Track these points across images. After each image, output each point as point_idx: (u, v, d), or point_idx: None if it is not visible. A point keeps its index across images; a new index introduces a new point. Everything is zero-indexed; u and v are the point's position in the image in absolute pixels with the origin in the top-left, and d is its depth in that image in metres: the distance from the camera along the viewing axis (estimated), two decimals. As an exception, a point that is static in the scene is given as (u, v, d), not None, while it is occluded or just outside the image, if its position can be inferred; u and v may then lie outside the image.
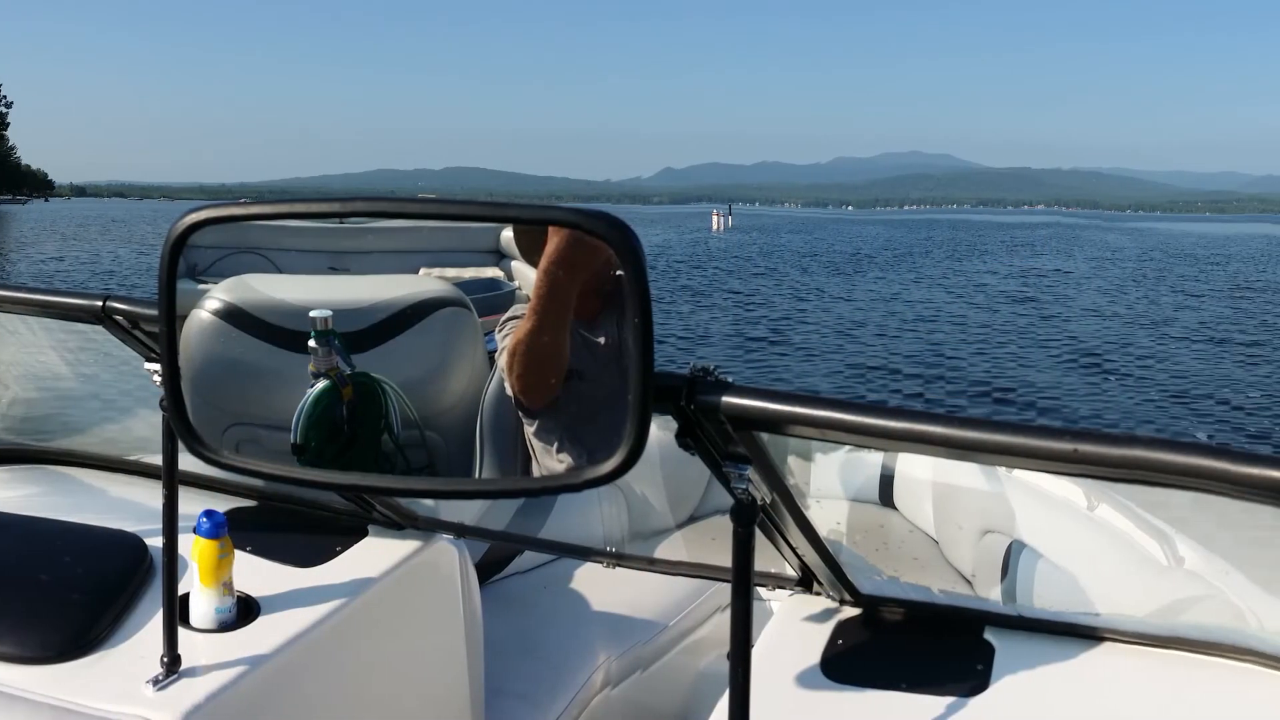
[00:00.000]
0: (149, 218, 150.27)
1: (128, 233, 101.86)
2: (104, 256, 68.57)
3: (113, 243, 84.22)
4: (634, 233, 1.81)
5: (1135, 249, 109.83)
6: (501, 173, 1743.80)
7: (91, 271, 56.30)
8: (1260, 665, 2.74)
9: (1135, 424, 22.57)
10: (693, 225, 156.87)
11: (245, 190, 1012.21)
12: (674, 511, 4.88)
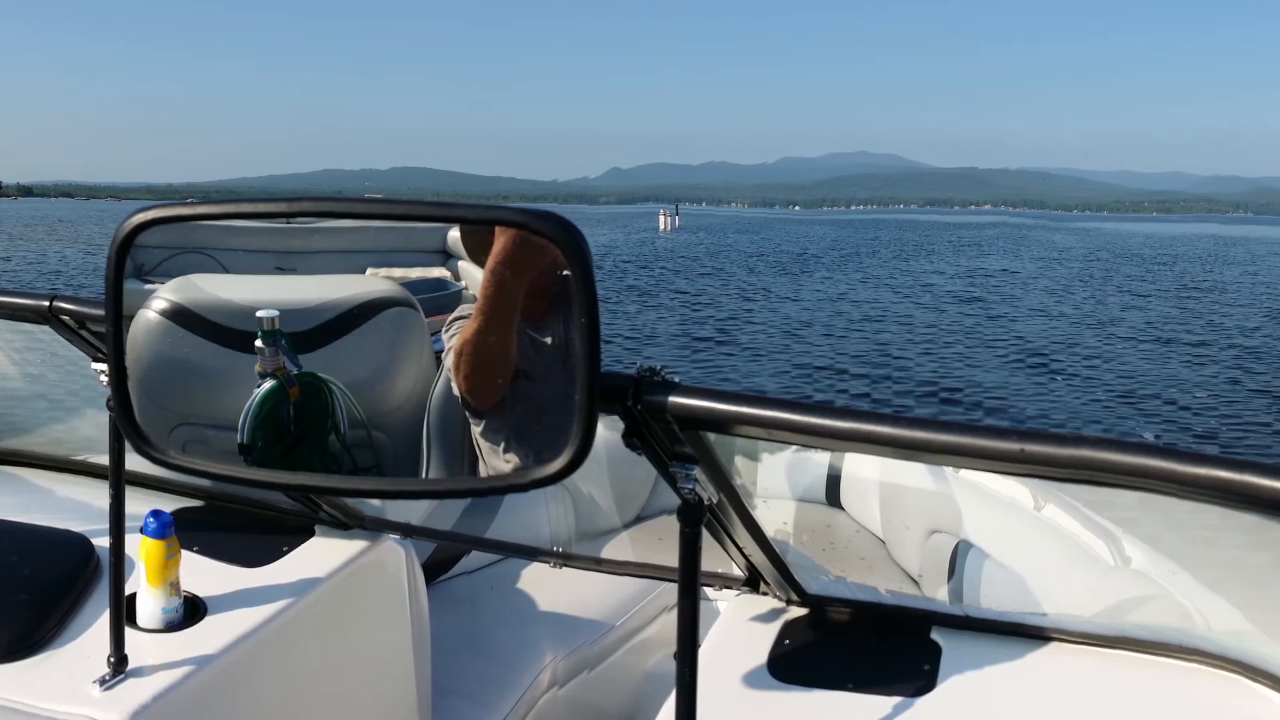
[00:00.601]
0: (96, 218, 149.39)
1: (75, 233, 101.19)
2: (51, 256, 68.07)
3: (60, 243, 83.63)
4: (581, 233, 1.81)
5: (1082, 249, 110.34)
6: (448, 173, 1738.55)
7: (38, 271, 55.91)
8: (1207, 665, 2.76)
9: (1082, 424, 22.69)
10: (640, 225, 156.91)
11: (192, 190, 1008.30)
12: (621, 511, 4.88)
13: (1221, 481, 1.67)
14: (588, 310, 1.82)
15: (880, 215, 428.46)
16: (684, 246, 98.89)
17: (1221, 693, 2.70)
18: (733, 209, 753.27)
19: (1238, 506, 1.72)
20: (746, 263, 76.80)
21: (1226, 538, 2.58)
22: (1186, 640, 2.83)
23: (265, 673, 2.96)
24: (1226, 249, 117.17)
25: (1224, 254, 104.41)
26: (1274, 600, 2.82)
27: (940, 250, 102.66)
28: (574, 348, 1.87)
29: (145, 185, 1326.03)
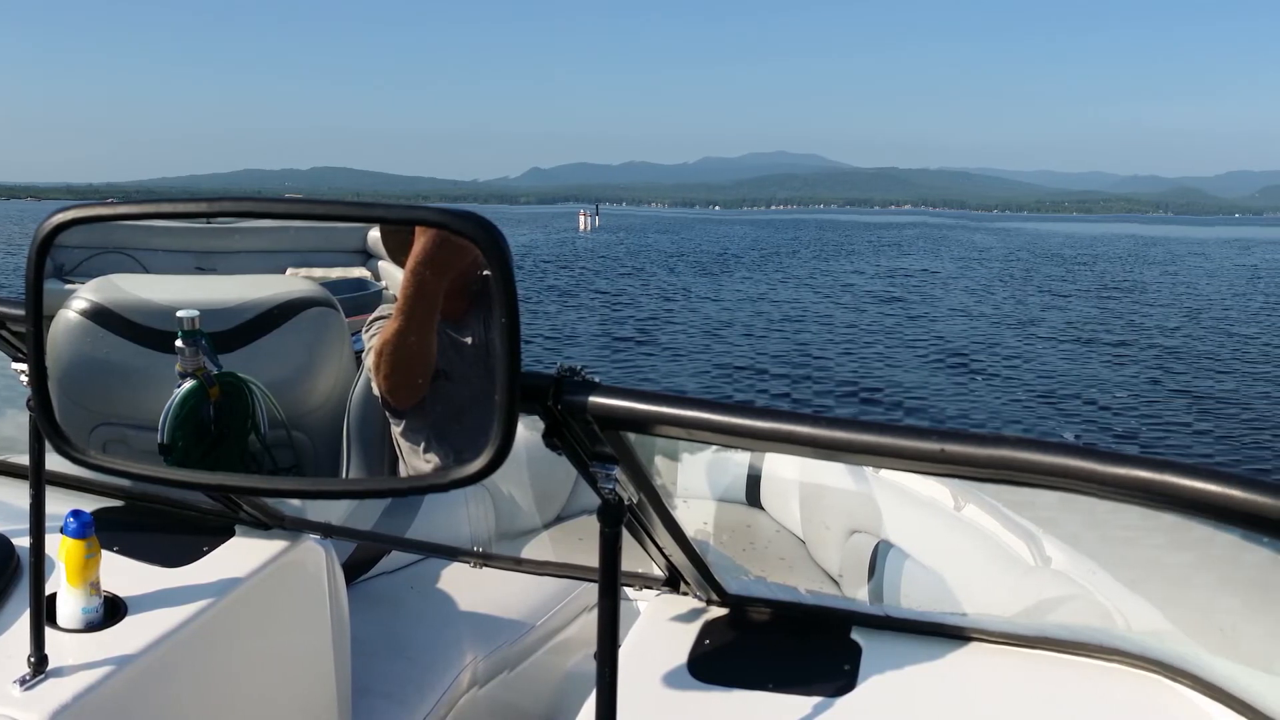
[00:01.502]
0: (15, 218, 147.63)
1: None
2: (-32, 257, 67.34)
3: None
4: (501, 233, 1.81)
5: (1002, 249, 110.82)
6: (369, 173, 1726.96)
7: (-44, 271, 55.30)
8: (1127, 665, 2.78)
9: (1002, 424, 22.76)
10: (560, 225, 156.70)
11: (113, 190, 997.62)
12: (541, 511, 4.88)
13: (1141, 481, 1.68)
14: (508, 310, 1.82)
15: (800, 215, 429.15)
16: (604, 246, 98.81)
17: (1141, 693, 2.71)
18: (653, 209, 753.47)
19: (1158, 506, 1.73)
20: (667, 263, 76.81)
21: (1146, 538, 2.60)
22: (1107, 640, 2.84)
23: (185, 672, 2.95)
24: (1146, 249, 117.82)
25: (1144, 254, 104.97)
26: (1194, 600, 2.86)
27: (860, 250, 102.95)
28: (494, 348, 1.87)
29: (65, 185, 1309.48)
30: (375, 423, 3.72)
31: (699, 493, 4.43)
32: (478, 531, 4.60)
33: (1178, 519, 1.77)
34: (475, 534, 4.60)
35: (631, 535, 2.75)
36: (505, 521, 4.70)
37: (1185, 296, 55.07)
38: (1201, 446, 20.73)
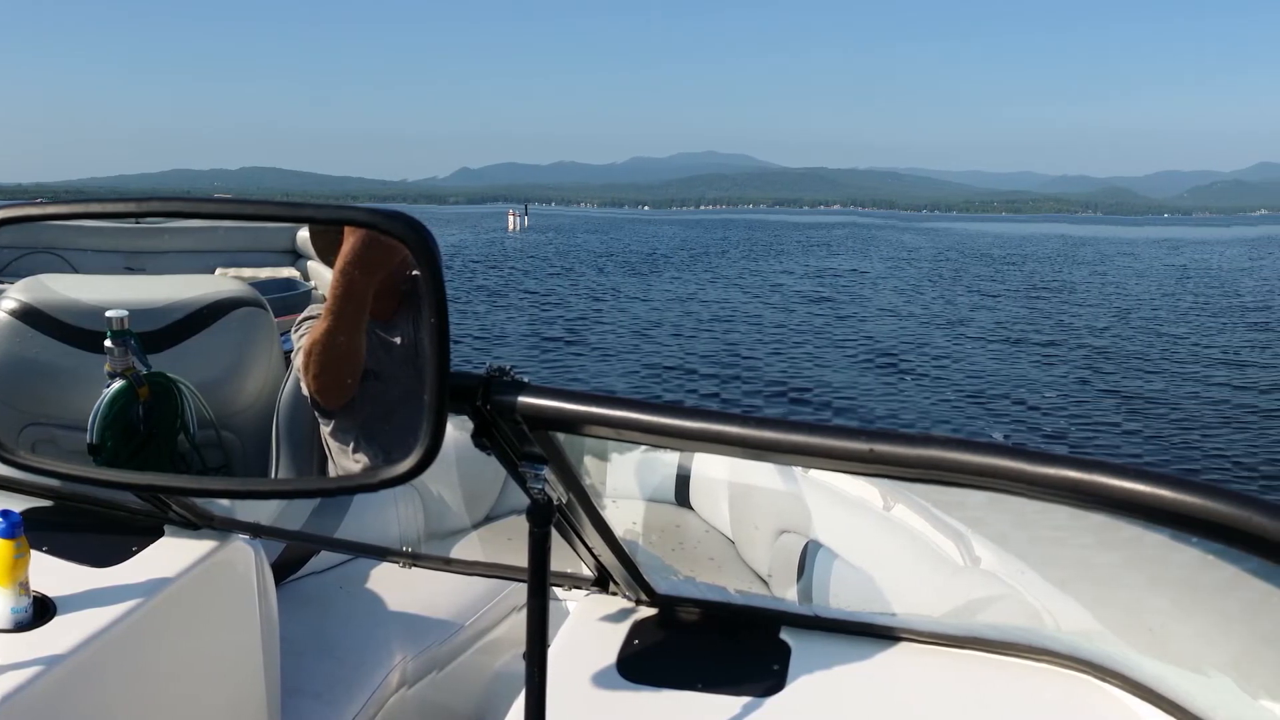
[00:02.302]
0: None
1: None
2: (-106, 257, 66.59)
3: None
4: (430, 233, 1.82)
5: (931, 249, 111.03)
6: (298, 173, 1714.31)
7: (-121, 273, 54.65)
8: (1056, 665, 2.80)
9: (931, 424, 22.92)
10: (489, 225, 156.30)
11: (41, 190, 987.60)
12: (470, 511, 4.88)
13: (1070, 481, 1.67)
14: (437, 310, 1.82)
15: (729, 215, 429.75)
16: (533, 246, 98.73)
17: (1071, 693, 2.73)
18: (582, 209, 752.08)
19: (1087, 506, 1.71)
20: (596, 263, 76.82)
21: (1075, 538, 2.63)
22: (1035, 640, 2.86)
23: (115, 673, 2.94)
24: (1076, 249, 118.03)
25: (1073, 254, 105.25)
26: (1123, 600, 2.91)
27: (789, 250, 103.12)
28: (423, 348, 1.87)
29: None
30: (304, 423, 3.72)
31: (628, 493, 4.44)
32: (407, 531, 4.60)
33: (1107, 519, 1.76)
34: (404, 534, 4.60)
35: (560, 535, 2.74)
36: (434, 521, 4.71)
37: (1114, 296, 55.27)
38: (1130, 446, 20.91)
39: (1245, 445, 20.78)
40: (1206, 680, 2.66)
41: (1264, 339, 36.71)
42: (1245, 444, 20.88)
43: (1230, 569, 1.86)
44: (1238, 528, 1.46)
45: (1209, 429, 22.43)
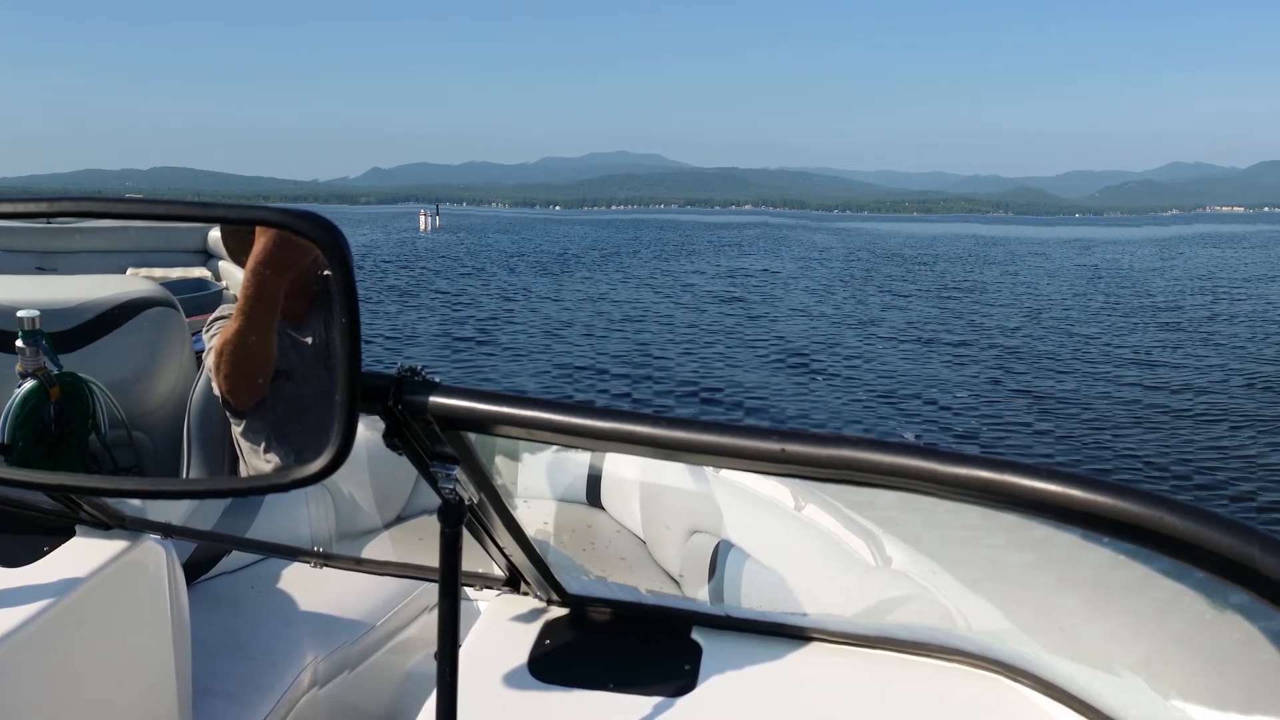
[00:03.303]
0: None
1: None
2: None
3: None
4: (341, 233, 1.81)
5: (843, 249, 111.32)
6: (209, 173, 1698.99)
7: None
8: (967, 665, 2.82)
9: (843, 424, 23.05)
10: (400, 225, 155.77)
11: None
12: (381, 511, 4.88)
13: (982, 481, 1.65)
14: (348, 310, 1.82)
15: (641, 215, 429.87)
16: (445, 246, 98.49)
17: (982, 692, 2.76)
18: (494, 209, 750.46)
19: (998, 507, 1.69)
20: (507, 263, 76.78)
21: (987, 538, 2.68)
22: (947, 640, 2.88)
23: (25, 673, 2.92)
24: (987, 249, 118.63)
25: (985, 254, 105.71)
26: (1034, 600, 2.95)
27: (701, 250, 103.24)
28: (335, 348, 1.87)
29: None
30: (216, 423, 3.70)
31: (540, 493, 4.45)
32: (318, 531, 4.59)
33: (1018, 519, 1.77)
34: (316, 534, 4.59)
35: (472, 535, 2.75)
36: (346, 521, 4.70)
37: (1026, 296, 55.56)
38: (1042, 446, 21.07)
39: (1156, 445, 20.98)
40: (1118, 680, 2.69)
41: (1175, 339, 36.97)
42: (1156, 444, 21.08)
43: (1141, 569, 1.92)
44: (1148, 527, 1.46)
45: (1120, 429, 22.65)
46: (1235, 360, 31.93)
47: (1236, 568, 1.37)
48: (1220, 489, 17.55)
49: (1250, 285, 62.75)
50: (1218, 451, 20.38)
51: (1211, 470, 18.85)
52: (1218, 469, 18.97)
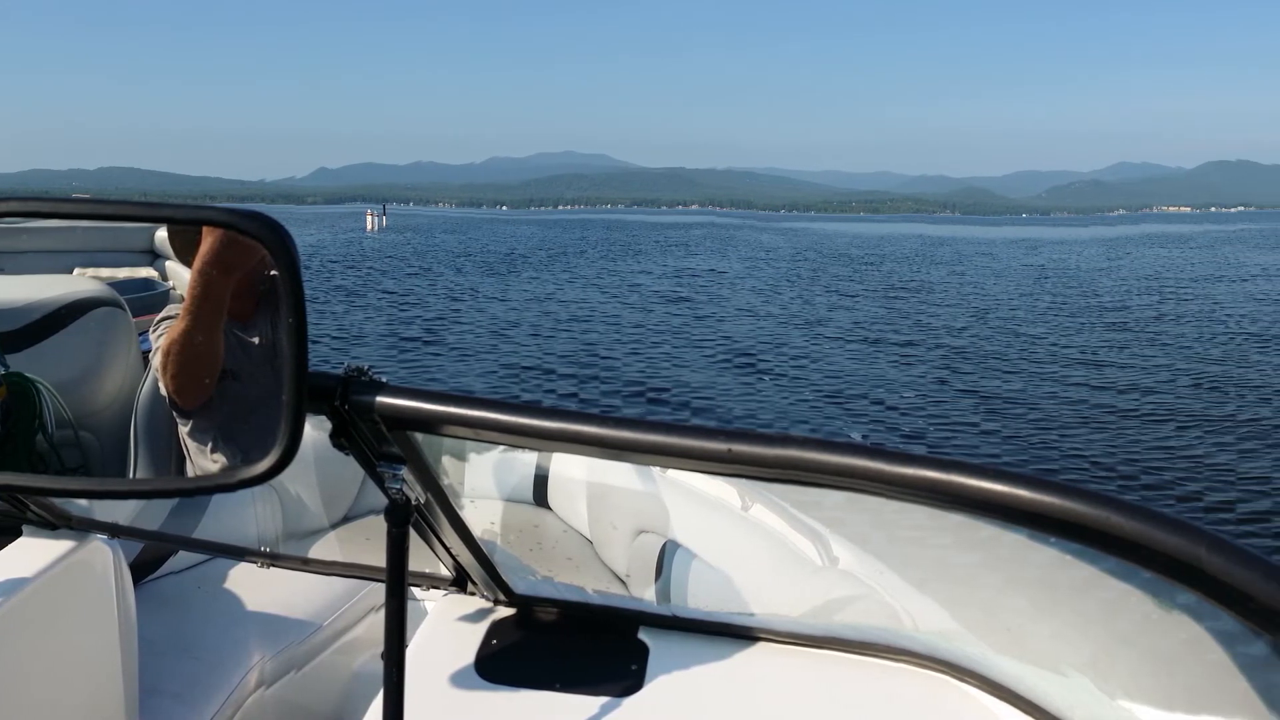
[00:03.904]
0: None
1: None
2: None
3: None
4: (288, 233, 1.81)
5: (789, 249, 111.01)
6: (157, 173, 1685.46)
7: None
8: (914, 665, 2.85)
9: (790, 424, 22.95)
10: (347, 225, 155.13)
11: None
12: (328, 511, 4.87)
13: (928, 481, 1.66)
14: (295, 310, 1.82)
15: (588, 215, 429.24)
16: (391, 246, 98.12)
17: (929, 693, 2.78)
18: (440, 209, 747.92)
19: (945, 507, 1.70)
20: (454, 263, 76.54)
21: (934, 538, 2.68)
22: (894, 640, 2.90)
23: None
24: (934, 249, 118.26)
25: (931, 254, 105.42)
26: (981, 600, 2.95)
27: (648, 250, 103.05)
28: (281, 348, 1.87)
29: None
30: (163, 422, 3.70)
31: (486, 493, 4.45)
32: (265, 531, 4.58)
33: (965, 519, 1.75)
34: (263, 534, 4.58)
35: (419, 535, 2.75)
36: (293, 521, 4.69)
37: (973, 296, 55.48)
38: (988, 446, 21.07)
39: (1103, 445, 20.95)
40: (1064, 680, 2.70)
41: (1121, 339, 36.96)
42: (1103, 444, 21.05)
43: (1088, 569, 1.89)
44: (1095, 527, 1.47)
45: (1067, 429, 22.63)
46: (1182, 360, 31.92)
47: (1183, 568, 1.37)
48: (1167, 489, 17.55)
49: (1197, 285, 62.85)
50: (1164, 451, 20.37)
51: (1158, 470, 18.85)
52: (1164, 469, 18.97)
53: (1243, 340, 36.38)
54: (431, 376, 28.27)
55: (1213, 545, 1.37)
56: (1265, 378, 28.81)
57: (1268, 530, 15.04)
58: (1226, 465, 19.22)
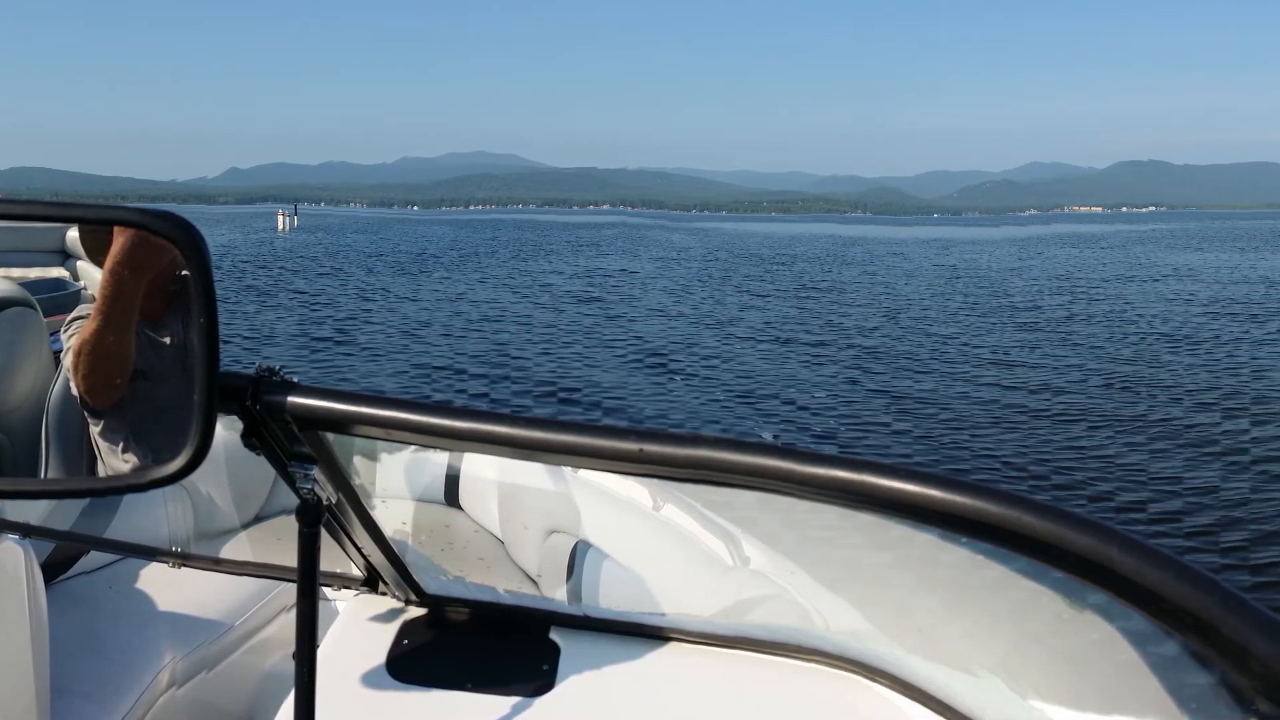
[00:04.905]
0: None
1: None
2: None
3: None
4: (199, 233, 1.82)
5: (701, 249, 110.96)
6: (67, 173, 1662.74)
7: None
8: (826, 665, 2.88)
9: (701, 424, 22.95)
10: (258, 225, 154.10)
11: None
12: (240, 511, 4.86)
13: (840, 481, 1.64)
14: (206, 310, 1.83)
15: (499, 215, 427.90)
16: (303, 246, 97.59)
17: (840, 692, 2.81)
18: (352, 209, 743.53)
19: (856, 507, 1.69)
20: (365, 263, 76.24)
21: (845, 538, 2.70)
22: (805, 640, 2.93)
23: None
24: (845, 249, 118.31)
25: (843, 254, 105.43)
26: (892, 600, 2.98)
27: (559, 250, 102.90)
28: (193, 348, 1.87)
29: None
30: (74, 422, 3.69)
31: (398, 493, 4.46)
32: (176, 531, 4.57)
33: (876, 519, 1.78)
34: (174, 534, 4.57)
35: (330, 535, 2.75)
36: (204, 521, 4.68)
37: (884, 296, 55.46)
38: (900, 446, 21.10)
39: (1014, 445, 21.00)
40: (975, 680, 2.73)
41: (1033, 339, 37.03)
42: (1014, 443, 21.10)
43: (999, 569, 1.96)
44: (1006, 527, 1.48)
45: (978, 428, 22.70)
46: (1093, 360, 32.00)
47: (1095, 567, 1.38)
48: (1078, 489, 17.62)
49: (1108, 286, 63.12)
50: (1076, 451, 20.42)
51: (1070, 470, 18.92)
52: (1076, 469, 19.04)
53: (1154, 340, 36.52)
54: (343, 376, 28.15)
55: (1124, 545, 1.39)
56: (1176, 378, 28.91)
57: (1179, 530, 15.13)
58: (1138, 465, 19.30)
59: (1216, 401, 25.46)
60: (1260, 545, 14.30)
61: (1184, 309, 47.68)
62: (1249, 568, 13.38)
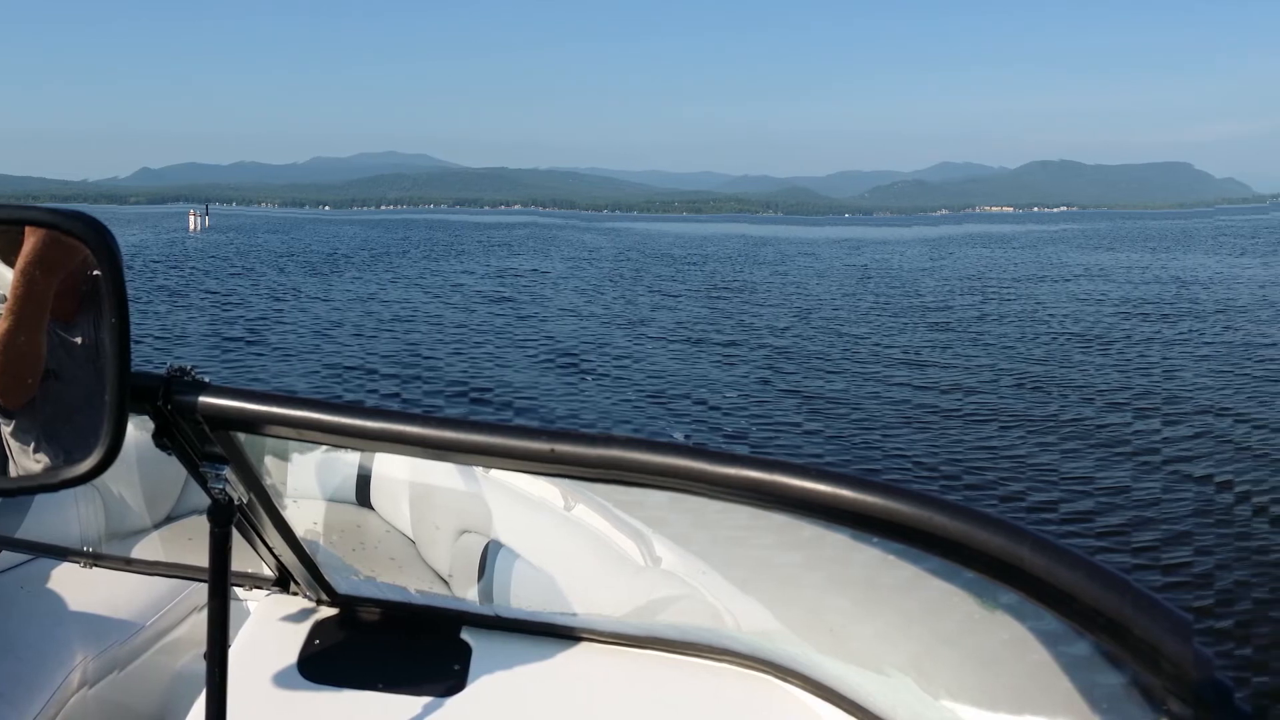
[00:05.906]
0: None
1: None
2: None
3: None
4: (111, 233, 1.86)
5: (612, 249, 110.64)
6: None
7: None
8: (737, 665, 2.92)
9: (612, 424, 22.92)
10: (170, 225, 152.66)
11: None
12: (151, 511, 4.84)
13: (751, 481, 1.67)
14: (118, 310, 1.87)
15: (411, 215, 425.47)
16: (214, 246, 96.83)
17: (751, 692, 2.85)
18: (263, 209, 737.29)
19: (768, 507, 1.73)
20: (277, 263, 75.65)
21: (757, 538, 2.72)
22: (716, 640, 2.97)
23: None
24: (757, 249, 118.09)
25: (754, 254, 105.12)
26: (804, 600, 3.01)
27: (470, 250, 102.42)
28: (104, 348, 1.92)
29: None
30: (-16, 423, 3.68)
31: (309, 493, 4.46)
32: (88, 531, 4.55)
33: (788, 519, 1.80)
34: (85, 534, 4.56)
35: (242, 535, 2.77)
36: (115, 521, 4.66)
37: (795, 296, 55.32)
38: (812, 446, 21.07)
39: (926, 445, 21.02)
40: (887, 680, 2.76)
41: (944, 339, 37.07)
42: (926, 443, 21.12)
43: (910, 569, 1.93)
44: (918, 527, 1.51)
45: (890, 428, 22.69)
46: (1005, 360, 32.04)
47: (1006, 567, 1.43)
48: (990, 489, 17.64)
49: (1019, 286, 63.23)
50: (987, 451, 20.44)
51: (981, 470, 18.95)
52: (987, 469, 19.06)
53: (1065, 340, 36.60)
54: (254, 376, 27.96)
55: (1035, 545, 1.42)
56: (1087, 378, 28.99)
57: (1090, 530, 15.18)
58: (1049, 465, 19.35)
59: (1128, 401, 25.54)
60: (1171, 545, 14.35)
61: (1095, 309, 47.81)
62: (1160, 568, 13.46)
